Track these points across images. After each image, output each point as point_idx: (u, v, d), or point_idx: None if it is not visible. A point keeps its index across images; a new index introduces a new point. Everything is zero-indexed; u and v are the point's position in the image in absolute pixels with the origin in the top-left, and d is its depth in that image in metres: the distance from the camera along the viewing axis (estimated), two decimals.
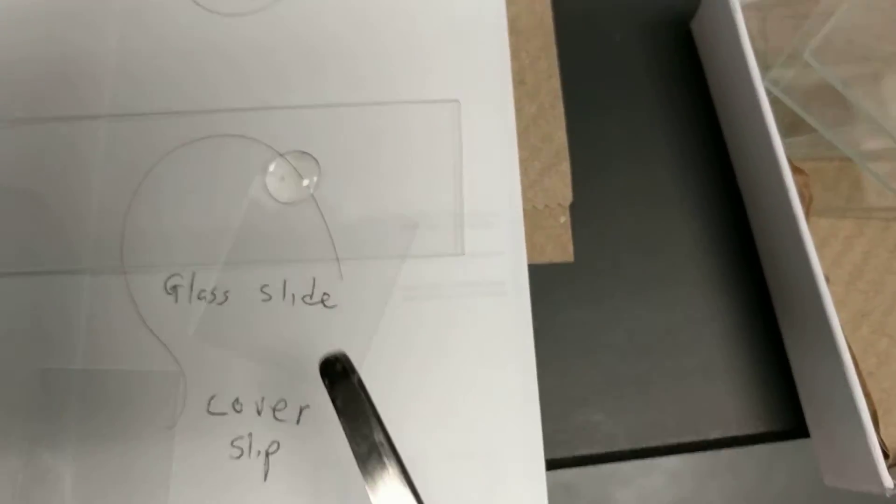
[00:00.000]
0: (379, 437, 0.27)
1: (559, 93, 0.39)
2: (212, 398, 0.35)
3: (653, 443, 0.35)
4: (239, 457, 0.34)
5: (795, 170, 0.35)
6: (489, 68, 0.39)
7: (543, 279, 0.37)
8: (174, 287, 0.36)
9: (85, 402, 0.35)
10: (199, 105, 0.38)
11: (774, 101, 0.34)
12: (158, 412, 0.35)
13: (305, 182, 0.37)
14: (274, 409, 0.35)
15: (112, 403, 0.35)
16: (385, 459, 0.27)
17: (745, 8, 0.37)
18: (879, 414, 0.33)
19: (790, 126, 0.35)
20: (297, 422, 0.35)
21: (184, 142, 0.38)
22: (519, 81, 0.39)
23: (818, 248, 0.36)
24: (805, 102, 0.35)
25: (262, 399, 0.35)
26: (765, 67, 0.37)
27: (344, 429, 0.27)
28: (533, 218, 0.37)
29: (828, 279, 0.34)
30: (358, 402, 0.28)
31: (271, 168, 0.38)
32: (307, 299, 0.36)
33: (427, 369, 0.35)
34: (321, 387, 0.32)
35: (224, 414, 0.35)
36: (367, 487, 0.26)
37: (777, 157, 0.33)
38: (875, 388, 0.34)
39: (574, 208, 0.38)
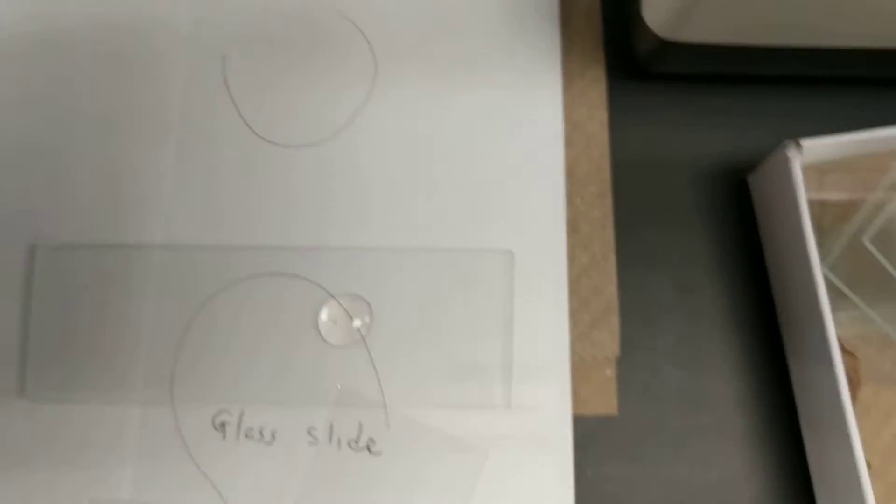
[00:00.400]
0: None
1: (612, 243, 0.39)
2: None
3: None
4: None
5: (845, 352, 0.35)
6: (544, 215, 0.39)
7: (586, 431, 0.37)
8: (222, 424, 0.37)
9: None
10: (254, 240, 0.39)
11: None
12: None
13: (357, 324, 0.38)
14: None
15: None
16: None
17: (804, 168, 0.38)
18: None
19: (837, 296, 0.36)
20: None
21: (238, 278, 0.38)
22: (572, 229, 0.39)
23: (859, 418, 0.36)
24: (852, 280, 0.35)
25: None
26: (819, 233, 0.37)
27: None
28: (580, 370, 0.38)
29: (870, 465, 0.34)
30: None
31: (324, 310, 0.38)
32: (353, 444, 0.37)
33: None
34: None
35: None
36: None
37: (829, 343, 0.33)
38: None
39: (620, 362, 0.38)
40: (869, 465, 0.34)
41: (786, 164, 0.35)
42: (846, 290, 0.35)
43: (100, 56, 0.41)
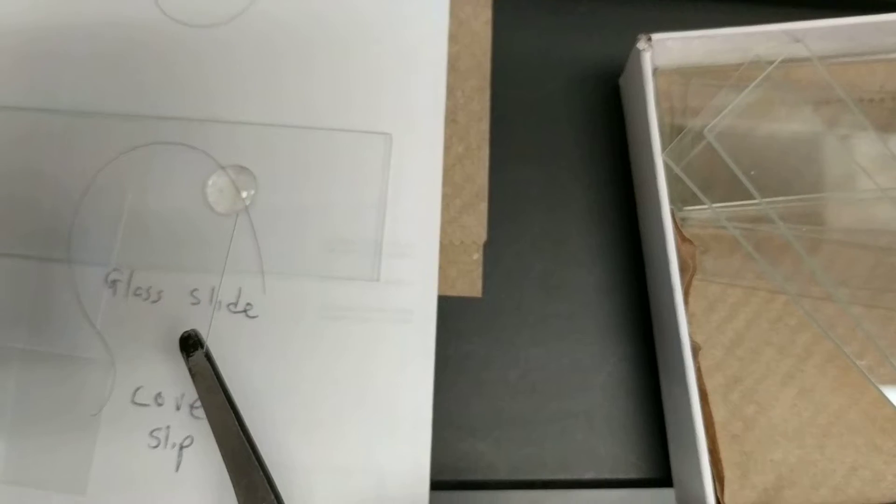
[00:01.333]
0: (223, 398, 0.35)
1: (487, 135, 0.41)
2: (137, 389, 0.39)
3: (530, 476, 0.39)
4: (156, 446, 0.38)
5: (684, 240, 0.38)
6: (425, 103, 0.42)
7: (451, 311, 0.40)
8: (114, 282, 0.40)
9: (22, 380, 0.39)
10: (155, 110, 0.42)
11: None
12: (88, 397, 0.38)
13: (243, 194, 0.40)
14: (192, 407, 0.38)
15: (47, 384, 0.39)
16: (225, 414, 0.35)
17: (667, 72, 0.40)
18: (735, 476, 0.37)
19: (694, 195, 0.38)
20: None
21: (134, 145, 0.41)
22: (451, 120, 0.41)
23: (706, 313, 0.39)
24: (703, 178, 0.37)
25: (182, 396, 0.39)
26: (677, 132, 0.39)
27: (197, 390, 0.36)
28: (448, 252, 0.40)
29: (698, 347, 0.37)
30: (206, 369, 0.36)
31: (212, 179, 0.41)
32: (232, 307, 0.40)
33: (330, 384, 0.39)
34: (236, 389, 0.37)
35: (147, 406, 0.39)
36: (219, 449, 0.35)
37: (664, 227, 0.36)
38: (737, 450, 0.37)
39: (487, 247, 0.40)
40: (698, 348, 0.37)
41: (638, 57, 0.37)
42: (691, 184, 0.37)
43: None
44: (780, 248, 0.38)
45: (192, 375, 0.36)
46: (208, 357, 0.36)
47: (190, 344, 0.36)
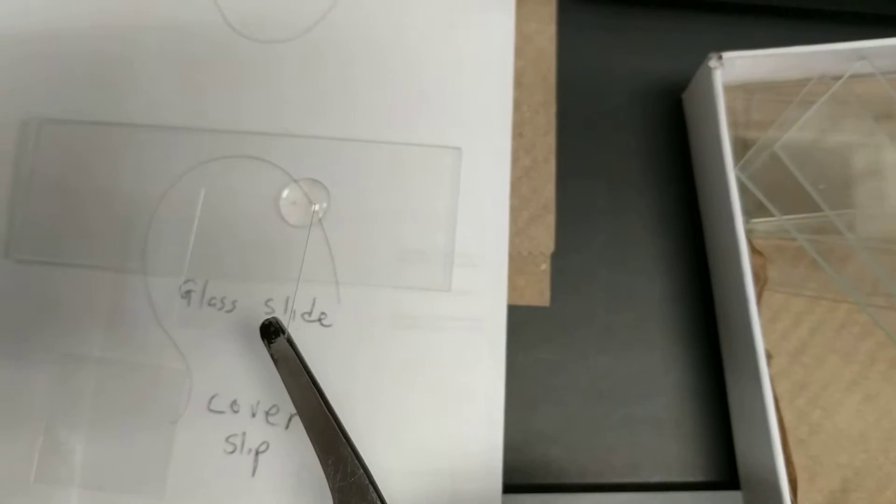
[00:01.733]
0: (306, 380, 0.36)
1: (553, 148, 0.43)
2: (213, 397, 0.40)
3: (600, 479, 0.40)
4: (232, 452, 0.39)
5: (754, 251, 0.39)
6: (493, 118, 0.43)
7: (520, 320, 0.41)
8: (188, 292, 0.41)
9: (100, 387, 0.40)
10: (227, 125, 0.43)
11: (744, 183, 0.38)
12: (165, 404, 0.40)
13: (315, 207, 0.41)
14: (267, 413, 0.40)
15: (124, 392, 0.40)
16: (310, 394, 0.36)
17: (731, 88, 0.41)
18: (803, 479, 0.38)
19: (759, 207, 0.39)
20: (287, 427, 0.40)
21: (209, 158, 0.42)
22: (518, 133, 0.43)
23: (771, 322, 0.40)
24: (769, 190, 0.38)
25: (258, 403, 0.40)
26: (743, 147, 0.40)
27: (280, 375, 0.37)
28: (517, 263, 0.41)
29: (770, 356, 0.38)
30: (289, 353, 0.37)
31: (285, 192, 0.42)
32: (306, 316, 0.41)
33: (403, 390, 0.40)
34: None
35: (222, 412, 0.40)
36: (304, 428, 0.36)
37: (738, 240, 0.37)
38: (803, 454, 0.38)
39: (554, 258, 0.42)
40: (770, 356, 0.38)
41: (709, 75, 0.38)
42: (762, 197, 0.38)
43: None
44: (842, 259, 0.39)
45: (275, 361, 0.37)
46: (290, 342, 0.37)
47: (272, 331, 0.37)
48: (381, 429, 0.39)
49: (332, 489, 0.35)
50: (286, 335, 0.37)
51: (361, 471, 0.35)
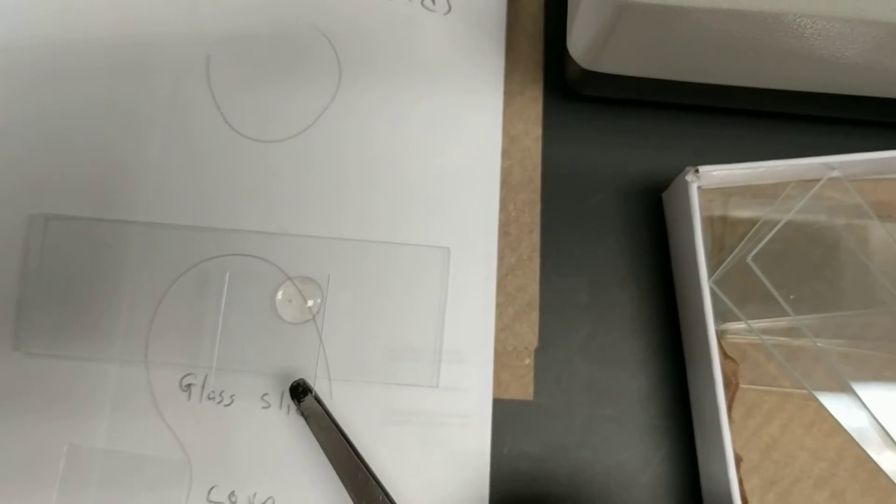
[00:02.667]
0: (336, 434, 0.40)
1: (538, 247, 0.45)
2: (212, 488, 0.42)
3: None
4: None
5: (726, 357, 0.41)
6: (480, 217, 0.45)
7: (505, 413, 0.43)
8: (188, 385, 0.43)
9: (104, 477, 0.42)
10: (224, 223, 0.45)
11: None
12: (167, 494, 0.42)
13: (309, 304, 0.43)
14: None
15: (128, 482, 0.42)
16: (341, 447, 0.40)
17: (709, 191, 0.43)
18: None
19: (731, 312, 0.41)
20: None
21: (208, 256, 0.44)
22: (504, 232, 0.44)
23: (744, 418, 0.42)
24: (743, 296, 0.40)
25: (254, 494, 0.42)
26: (719, 249, 0.42)
27: (311, 430, 0.41)
28: (501, 358, 0.43)
29: (740, 458, 0.40)
30: (318, 410, 0.41)
31: (281, 290, 0.44)
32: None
33: (395, 484, 0.42)
34: (307, 490, 0.41)
35: (220, 503, 0.42)
36: (339, 480, 0.40)
37: (710, 348, 0.39)
38: None
39: (538, 353, 0.44)
40: (740, 459, 0.40)
41: (685, 186, 0.40)
42: (731, 305, 0.40)
43: (98, 54, 0.47)
44: (813, 358, 0.41)
45: (306, 418, 0.41)
46: (318, 399, 0.41)
47: (300, 391, 0.41)
48: None
49: None
50: (314, 393, 0.41)
51: None
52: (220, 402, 0.43)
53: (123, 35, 0.47)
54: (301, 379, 0.41)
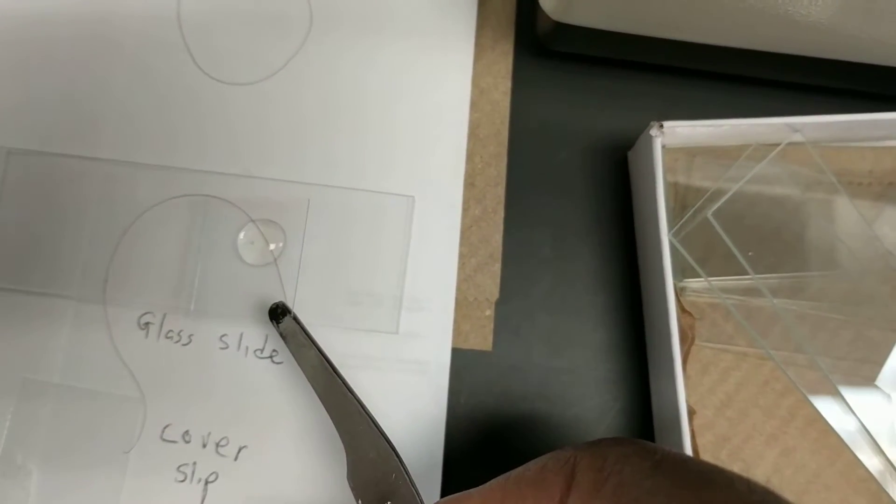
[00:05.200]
0: (314, 351, 0.41)
1: (502, 200, 0.45)
2: (166, 427, 0.42)
3: None
4: (182, 481, 0.42)
5: (684, 311, 0.42)
6: (446, 167, 0.46)
7: (464, 363, 0.44)
8: (146, 324, 0.44)
9: (57, 413, 0.42)
10: (188, 164, 0.45)
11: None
12: (120, 432, 0.42)
13: (271, 247, 0.44)
14: (217, 445, 0.42)
15: (80, 418, 0.42)
16: (319, 363, 0.40)
17: (673, 150, 0.44)
18: None
19: (692, 267, 0.42)
20: (235, 458, 0.42)
21: (170, 195, 0.44)
22: (469, 184, 0.45)
23: (699, 374, 0.43)
24: (703, 252, 0.41)
25: (209, 434, 0.42)
26: (682, 207, 0.43)
27: (290, 349, 0.41)
28: (462, 308, 0.44)
29: (693, 412, 0.41)
30: (296, 329, 0.41)
31: (243, 231, 0.44)
32: (258, 353, 0.43)
33: None
34: (260, 429, 0.42)
35: (174, 442, 0.42)
36: (318, 398, 0.40)
37: (668, 301, 0.40)
38: None
39: (498, 304, 0.44)
40: (693, 412, 0.41)
41: (650, 141, 0.41)
42: (691, 260, 0.41)
43: None
44: (770, 318, 0.42)
45: (284, 338, 0.41)
46: (296, 320, 0.41)
47: (279, 312, 0.41)
48: (325, 467, 0.42)
49: (343, 442, 0.39)
50: (292, 314, 0.41)
51: (368, 421, 0.39)
52: (177, 342, 0.43)
53: None
54: (280, 301, 0.42)
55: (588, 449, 0.31)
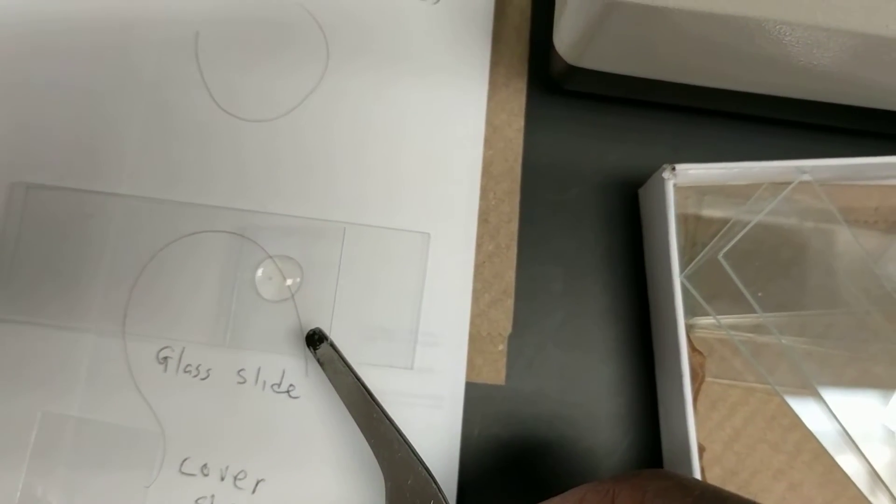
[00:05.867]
0: (352, 378, 0.42)
1: (515, 236, 0.46)
2: (185, 460, 0.43)
3: None
4: None
5: (694, 350, 0.43)
6: (461, 204, 0.47)
7: (477, 396, 0.45)
8: (165, 358, 0.44)
9: (77, 446, 0.43)
10: (207, 200, 0.46)
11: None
12: (140, 465, 0.43)
13: (288, 282, 0.45)
14: (235, 478, 0.43)
15: (100, 451, 0.43)
16: (356, 390, 0.42)
17: (684, 188, 0.45)
18: None
19: (701, 307, 0.43)
20: (253, 491, 0.43)
21: (190, 231, 0.45)
22: (483, 220, 0.46)
23: (709, 410, 0.44)
24: (713, 291, 0.42)
25: (227, 467, 0.43)
26: (692, 245, 0.44)
27: (327, 375, 0.42)
28: (476, 342, 0.45)
29: (703, 448, 0.42)
30: (333, 356, 0.42)
31: (261, 267, 0.45)
32: (275, 387, 0.44)
33: None
34: (277, 463, 0.43)
35: (193, 475, 0.43)
36: (356, 424, 0.41)
37: (679, 342, 0.41)
38: None
39: (511, 338, 0.45)
40: (703, 449, 0.42)
41: (662, 184, 0.42)
42: (701, 300, 0.42)
43: (85, 26, 0.48)
44: (778, 355, 0.44)
45: (321, 364, 0.42)
46: (333, 346, 0.43)
47: (316, 339, 0.43)
48: (344, 499, 0.43)
49: (381, 468, 0.40)
50: (329, 341, 0.43)
51: (407, 448, 0.40)
52: (195, 376, 0.44)
53: (112, 8, 0.48)
54: (317, 328, 0.43)
55: (627, 480, 0.32)
